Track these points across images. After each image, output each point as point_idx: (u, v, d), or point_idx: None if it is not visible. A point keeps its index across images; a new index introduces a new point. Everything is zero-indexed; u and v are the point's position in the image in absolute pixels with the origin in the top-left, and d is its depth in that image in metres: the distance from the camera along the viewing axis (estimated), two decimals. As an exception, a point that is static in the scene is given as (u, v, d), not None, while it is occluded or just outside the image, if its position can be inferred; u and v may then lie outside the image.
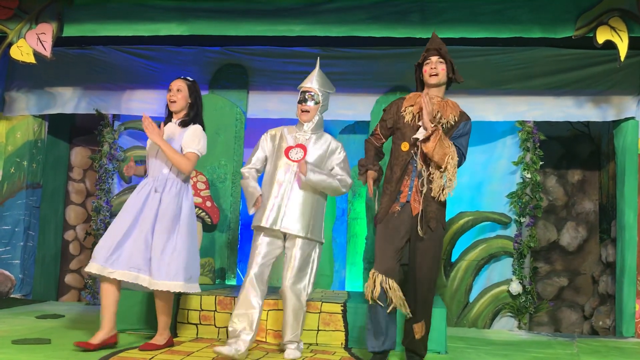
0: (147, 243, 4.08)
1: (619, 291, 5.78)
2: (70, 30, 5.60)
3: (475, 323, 5.97)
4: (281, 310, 4.36)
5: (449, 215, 5.75)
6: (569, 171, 6.75)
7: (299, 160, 4.11)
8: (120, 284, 4.15)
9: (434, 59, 3.91)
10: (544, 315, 6.50)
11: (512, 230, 6.05)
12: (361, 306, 4.61)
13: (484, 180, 6.23)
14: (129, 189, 6.48)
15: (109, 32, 5.57)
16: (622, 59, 5.03)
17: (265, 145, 4.33)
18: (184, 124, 4.29)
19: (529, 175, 6.00)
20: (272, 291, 4.88)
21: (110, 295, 4.12)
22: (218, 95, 6.39)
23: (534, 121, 6.05)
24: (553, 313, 6.55)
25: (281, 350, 4.25)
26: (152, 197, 4.14)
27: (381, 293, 3.78)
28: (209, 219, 6.03)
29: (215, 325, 4.74)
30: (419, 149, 3.83)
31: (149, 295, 4.77)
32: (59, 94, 6.67)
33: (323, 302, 4.68)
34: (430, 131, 3.75)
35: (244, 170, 4.31)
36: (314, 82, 4.25)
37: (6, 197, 6.60)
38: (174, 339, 4.46)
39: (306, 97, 4.22)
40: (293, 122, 4.37)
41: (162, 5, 5.47)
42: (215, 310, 4.75)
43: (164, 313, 4.24)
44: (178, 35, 5.54)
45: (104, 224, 6.40)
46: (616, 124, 5.92)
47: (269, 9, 5.39)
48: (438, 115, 3.85)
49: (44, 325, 5.02)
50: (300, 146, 4.17)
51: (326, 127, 4.41)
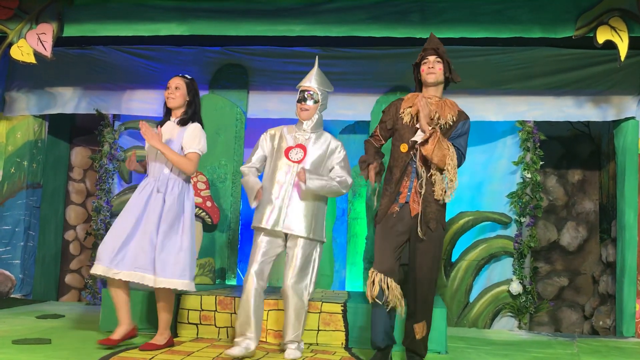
0: (152, 243, 4.09)
1: (619, 291, 5.78)
2: (70, 30, 5.59)
3: (475, 323, 5.97)
4: (282, 310, 4.36)
5: (449, 215, 5.76)
6: (569, 171, 6.75)
7: (299, 161, 4.11)
8: (127, 282, 4.17)
9: (432, 58, 3.91)
10: (544, 315, 6.50)
11: (513, 230, 6.05)
12: (361, 306, 4.61)
13: (484, 180, 6.22)
14: (129, 189, 6.49)
15: (109, 32, 5.57)
16: (622, 58, 5.03)
17: (264, 144, 4.31)
18: (182, 122, 4.28)
19: (529, 175, 5.99)
20: (273, 291, 4.89)
21: (119, 295, 4.18)
22: (218, 95, 6.39)
23: (534, 121, 6.05)
24: (553, 313, 6.55)
25: (282, 350, 4.23)
26: (155, 198, 4.15)
27: (380, 292, 3.79)
28: (209, 219, 6.03)
29: (215, 325, 4.74)
30: (417, 151, 3.83)
31: (149, 295, 4.77)
32: (59, 94, 6.67)
33: (323, 302, 4.67)
34: (428, 134, 3.75)
35: (243, 168, 4.29)
36: (312, 81, 4.24)
37: (6, 197, 6.60)
38: (174, 339, 4.46)
39: (305, 96, 4.21)
40: (293, 122, 4.36)
41: (162, 5, 5.47)
42: (216, 310, 4.74)
43: (165, 313, 4.24)
44: (178, 35, 5.54)
45: (104, 224, 6.40)
46: (616, 123, 5.92)
47: (269, 9, 5.39)
48: (436, 116, 3.85)
49: (44, 325, 5.02)
50: (300, 146, 4.17)
51: (326, 127, 4.39)
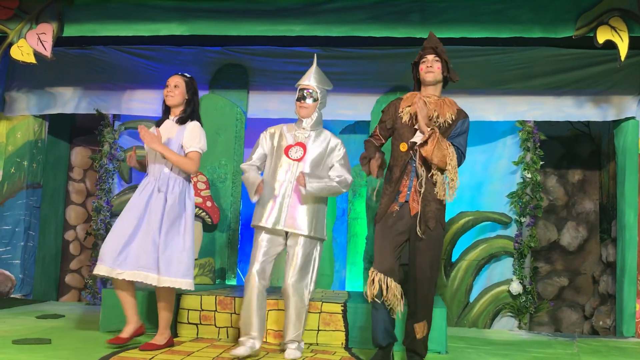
0: (155, 243, 4.08)
1: (619, 291, 5.78)
2: (70, 30, 5.59)
3: (475, 323, 5.97)
4: (282, 310, 4.35)
5: (449, 215, 5.76)
6: (569, 171, 6.75)
7: (299, 159, 4.11)
8: (133, 282, 4.17)
9: (430, 57, 3.92)
10: (545, 315, 6.50)
11: (513, 230, 6.05)
12: (361, 306, 4.61)
13: (485, 180, 6.22)
14: (130, 188, 6.49)
15: (109, 32, 5.57)
16: (623, 58, 5.03)
17: (264, 143, 4.31)
18: (181, 120, 4.28)
19: (529, 175, 5.99)
20: (273, 291, 4.88)
21: (125, 295, 4.20)
22: (218, 95, 6.39)
23: (534, 121, 6.05)
24: (553, 313, 6.55)
25: (282, 350, 4.23)
26: (156, 197, 4.14)
27: (379, 291, 3.79)
28: (209, 219, 6.03)
29: (215, 325, 4.74)
30: (417, 151, 3.83)
31: (149, 295, 4.77)
32: (59, 94, 6.67)
33: (323, 302, 4.67)
34: (427, 135, 3.75)
35: (244, 165, 4.29)
36: (311, 80, 4.23)
37: (6, 197, 6.60)
38: (174, 339, 4.46)
39: (304, 95, 4.21)
40: (293, 121, 4.36)
41: (162, 5, 5.46)
42: (216, 310, 4.74)
43: (165, 312, 4.24)
44: (178, 35, 5.54)
45: (105, 224, 6.40)
46: (616, 123, 5.91)
47: (269, 9, 5.39)
48: (435, 115, 3.85)
49: (44, 325, 5.02)
50: (300, 144, 4.17)
51: (326, 127, 4.39)
